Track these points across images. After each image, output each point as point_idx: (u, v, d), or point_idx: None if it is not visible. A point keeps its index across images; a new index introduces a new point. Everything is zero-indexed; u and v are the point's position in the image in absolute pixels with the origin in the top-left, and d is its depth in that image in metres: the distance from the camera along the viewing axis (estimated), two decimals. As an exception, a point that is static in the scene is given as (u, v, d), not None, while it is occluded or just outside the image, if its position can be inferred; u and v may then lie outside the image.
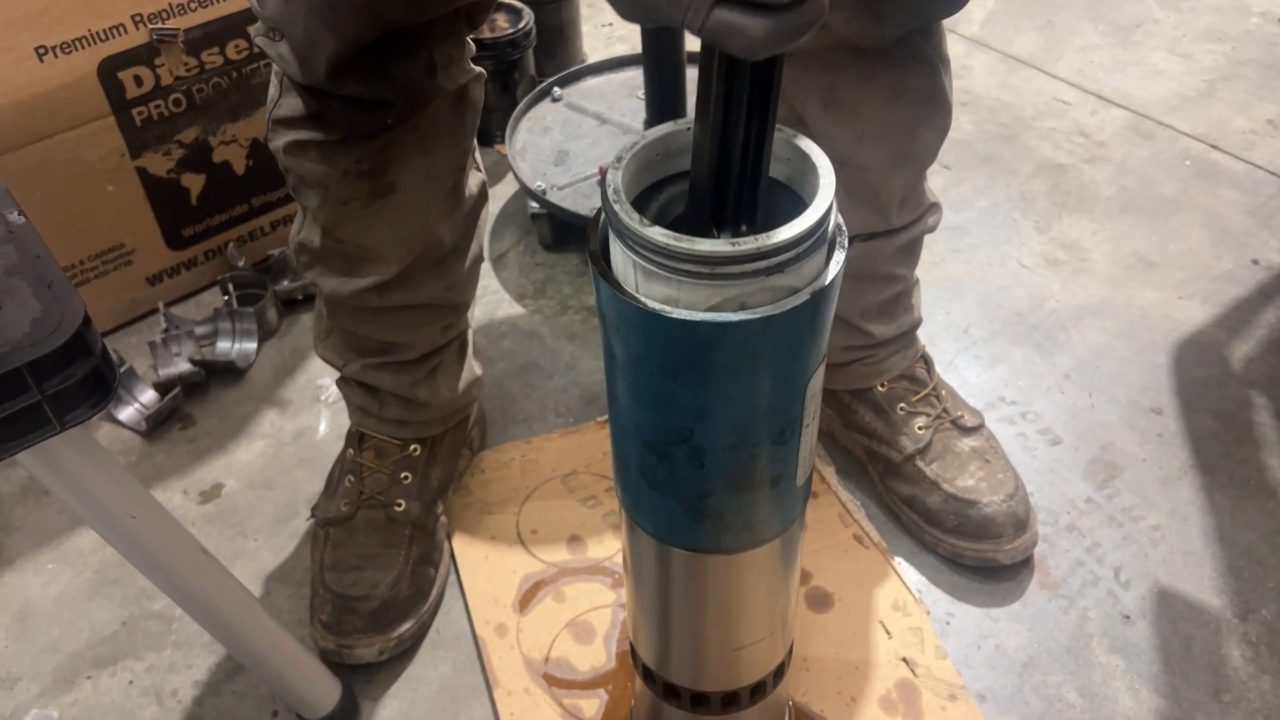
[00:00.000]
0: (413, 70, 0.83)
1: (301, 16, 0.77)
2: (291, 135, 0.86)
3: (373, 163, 0.86)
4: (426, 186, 0.91)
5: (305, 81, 0.82)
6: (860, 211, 0.97)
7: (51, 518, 1.13)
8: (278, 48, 0.82)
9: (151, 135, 1.28)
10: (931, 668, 0.95)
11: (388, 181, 0.88)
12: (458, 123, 0.91)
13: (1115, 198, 1.53)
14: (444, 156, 0.92)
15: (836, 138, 0.91)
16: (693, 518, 0.59)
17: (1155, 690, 0.94)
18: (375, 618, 0.96)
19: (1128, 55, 1.86)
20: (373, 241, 0.91)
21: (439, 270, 0.97)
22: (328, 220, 0.90)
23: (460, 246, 0.98)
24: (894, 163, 0.94)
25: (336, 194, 0.88)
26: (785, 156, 0.54)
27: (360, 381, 1.03)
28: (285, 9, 0.78)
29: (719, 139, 0.48)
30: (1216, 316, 1.32)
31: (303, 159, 0.86)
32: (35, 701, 0.97)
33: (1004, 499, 1.02)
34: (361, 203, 0.88)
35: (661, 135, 0.53)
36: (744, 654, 0.71)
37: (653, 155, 0.54)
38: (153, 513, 0.70)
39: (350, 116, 0.83)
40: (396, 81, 0.82)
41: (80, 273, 1.29)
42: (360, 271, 0.93)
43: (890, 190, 0.96)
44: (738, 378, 0.51)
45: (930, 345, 1.25)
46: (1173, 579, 1.03)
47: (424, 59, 0.83)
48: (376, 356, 1.00)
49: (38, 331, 0.56)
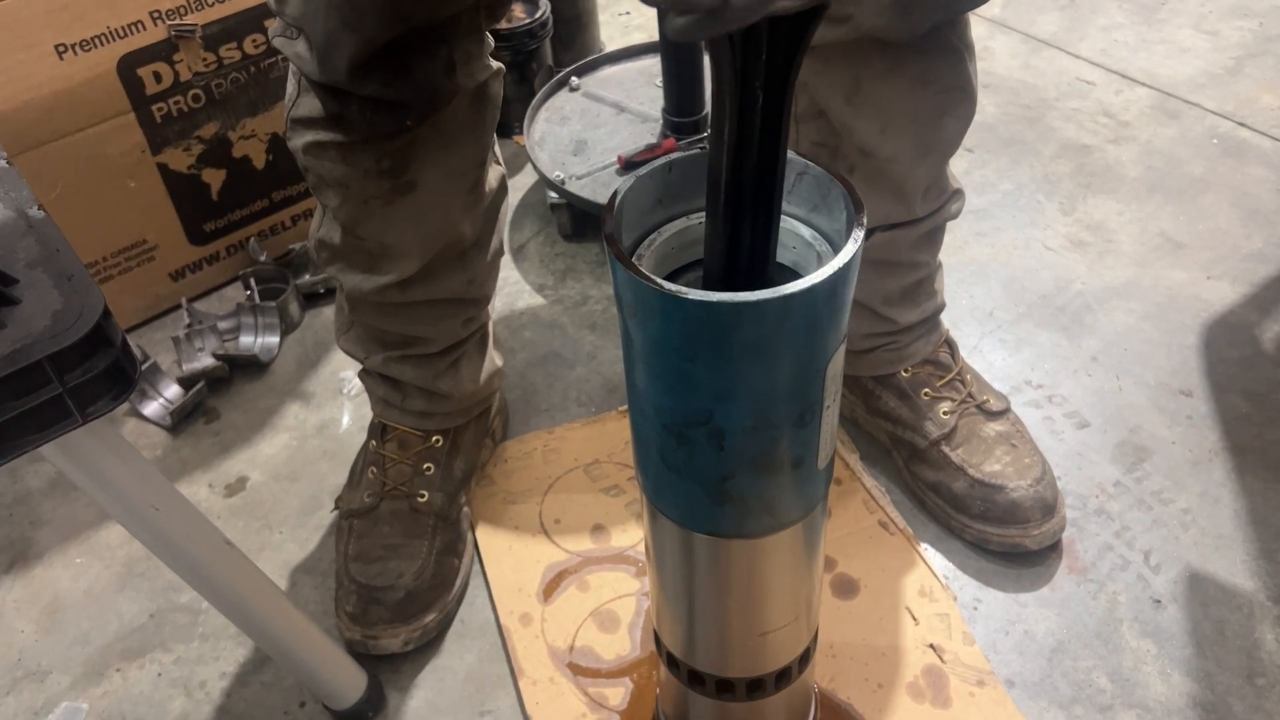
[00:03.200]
0: (432, 69, 0.82)
1: (322, 15, 0.77)
2: (311, 136, 0.85)
3: (393, 162, 0.86)
4: (447, 183, 0.90)
5: (324, 80, 0.81)
6: (884, 202, 0.96)
7: (80, 512, 1.14)
8: (295, 46, 0.81)
9: (171, 131, 1.29)
10: (959, 654, 0.94)
11: (408, 180, 0.87)
12: (478, 119, 0.91)
13: (1141, 178, 1.51)
14: (464, 153, 0.91)
15: (861, 130, 0.90)
16: (714, 501, 0.59)
17: (1187, 674, 0.93)
18: (400, 608, 0.96)
19: (1152, 33, 1.83)
20: (394, 239, 0.91)
21: (460, 265, 0.97)
22: (348, 219, 0.90)
23: (481, 241, 0.98)
24: (919, 153, 0.93)
25: (357, 193, 0.88)
26: (791, 245, 0.58)
27: (383, 374, 1.03)
28: (305, 7, 0.78)
29: (728, 236, 0.52)
30: (1246, 296, 1.30)
31: (322, 159, 0.86)
32: (66, 694, 0.98)
33: (1031, 483, 1.00)
34: (382, 201, 0.88)
35: (678, 230, 0.59)
36: (768, 640, 0.70)
37: (669, 249, 0.59)
38: (176, 504, 0.71)
39: (370, 117, 0.83)
40: (416, 81, 0.82)
41: (104, 269, 1.30)
42: (381, 268, 0.93)
43: (914, 180, 0.95)
44: (756, 358, 0.51)
45: (955, 329, 1.24)
46: (1204, 562, 1.01)
47: (444, 57, 0.83)
48: (398, 349, 1.00)
49: (58, 324, 0.57)
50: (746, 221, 0.52)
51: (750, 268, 0.53)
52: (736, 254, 0.53)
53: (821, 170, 0.55)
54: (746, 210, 0.51)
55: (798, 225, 0.58)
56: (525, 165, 1.61)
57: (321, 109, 0.83)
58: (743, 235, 0.52)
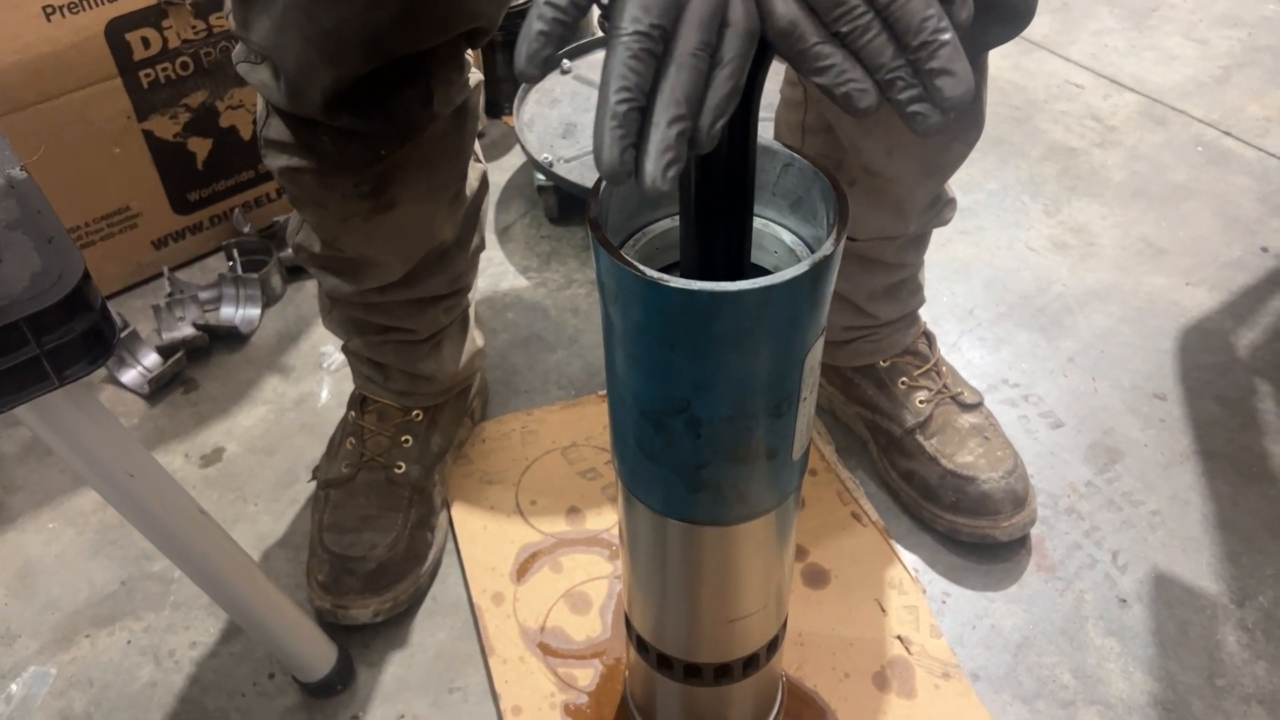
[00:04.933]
0: (409, 100, 0.79)
1: (296, 47, 0.72)
2: (284, 160, 0.82)
3: (372, 185, 0.83)
4: (428, 199, 0.89)
5: (293, 111, 0.78)
6: (882, 217, 0.96)
7: (53, 477, 1.14)
8: (259, 74, 0.77)
9: (158, 98, 1.28)
10: (926, 646, 0.95)
11: (389, 199, 0.85)
12: (457, 135, 0.88)
13: (1126, 182, 1.52)
14: (445, 169, 0.89)
15: (868, 150, 0.90)
16: (689, 489, 0.59)
17: (1149, 673, 0.94)
18: (372, 579, 0.96)
19: (1142, 39, 1.84)
20: (374, 252, 0.90)
21: (441, 265, 0.96)
22: (327, 234, 0.89)
23: (463, 239, 0.98)
24: (922, 175, 0.93)
25: (336, 212, 0.86)
26: (772, 249, 0.59)
27: (365, 356, 1.03)
28: (277, 38, 0.73)
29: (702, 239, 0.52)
30: (1224, 303, 1.31)
31: (298, 182, 0.84)
32: (34, 658, 0.98)
33: (1002, 475, 1.01)
34: (362, 218, 0.86)
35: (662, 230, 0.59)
36: (737, 626, 0.71)
37: (653, 249, 0.59)
38: (151, 472, 0.70)
39: (342, 148, 0.80)
40: (392, 112, 0.78)
41: (86, 235, 1.29)
42: (363, 276, 0.93)
43: (914, 199, 0.96)
44: (736, 348, 0.51)
45: (935, 326, 1.25)
46: (1171, 564, 1.03)
47: (422, 87, 0.79)
48: (380, 335, 1.00)
49: (37, 286, 0.56)
50: (719, 225, 0.52)
51: (724, 270, 0.53)
52: (710, 256, 0.53)
53: (807, 164, 0.55)
54: (718, 214, 0.51)
55: (779, 230, 0.59)
56: (514, 146, 1.61)
57: (291, 136, 0.80)
58: (715, 239, 0.52)
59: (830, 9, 0.39)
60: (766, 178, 0.57)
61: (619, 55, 0.38)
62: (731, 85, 0.40)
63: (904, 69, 0.39)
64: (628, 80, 0.38)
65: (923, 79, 0.39)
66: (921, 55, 0.39)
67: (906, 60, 0.39)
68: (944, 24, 0.39)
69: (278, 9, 0.71)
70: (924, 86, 0.39)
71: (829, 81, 0.40)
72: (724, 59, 0.40)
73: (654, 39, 0.38)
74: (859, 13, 0.39)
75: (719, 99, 0.40)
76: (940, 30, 0.39)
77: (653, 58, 0.39)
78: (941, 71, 0.39)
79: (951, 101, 0.39)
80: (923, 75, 0.39)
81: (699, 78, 0.39)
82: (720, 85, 0.40)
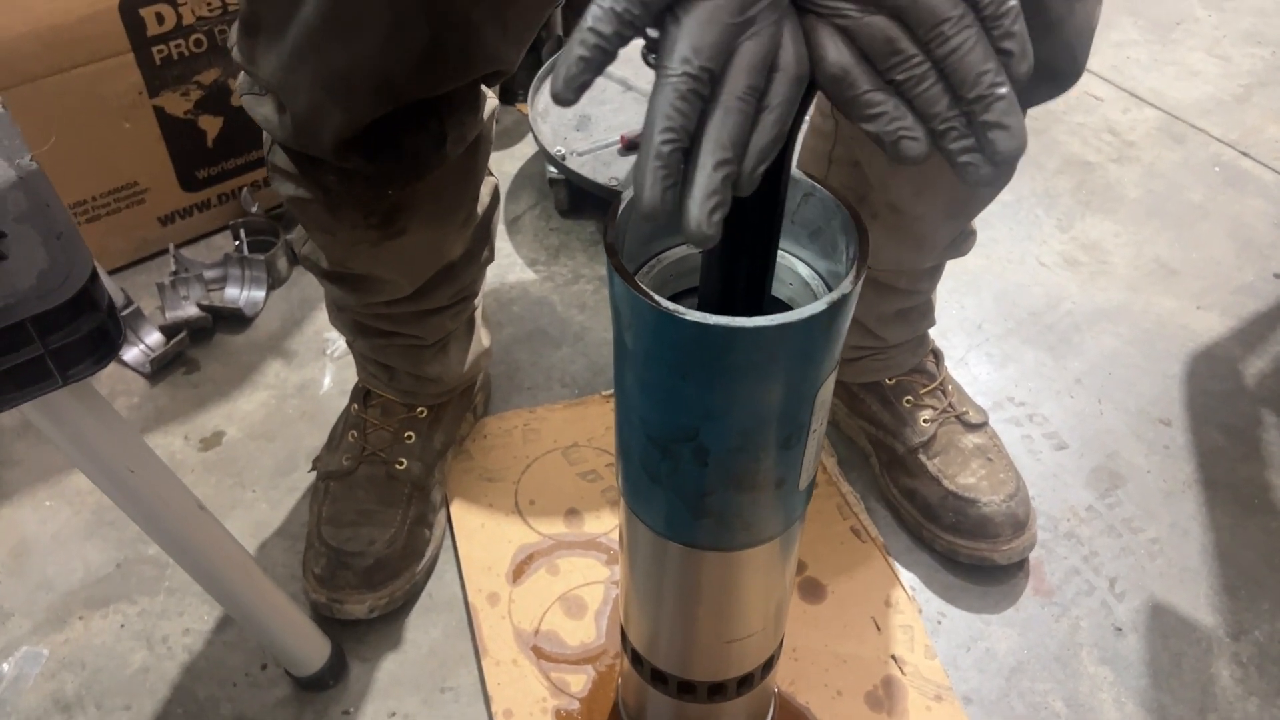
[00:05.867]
0: (421, 142, 0.76)
1: (305, 87, 0.70)
2: (291, 190, 0.80)
3: (381, 218, 0.81)
4: (438, 225, 0.87)
5: (299, 150, 0.76)
6: (901, 251, 0.95)
7: (51, 455, 1.13)
8: (263, 109, 0.75)
9: (170, 74, 1.26)
10: (919, 667, 0.95)
11: (398, 228, 0.83)
12: (470, 165, 0.86)
13: (1141, 200, 1.51)
14: (457, 196, 0.87)
15: (895, 189, 0.89)
16: (693, 514, 0.59)
17: (1141, 704, 0.94)
18: (368, 575, 0.96)
19: (1165, 54, 1.83)
20: (383, 272, 0.89)
21: (450, 279, 0.95)
22: (335, 257, 0.88)
23: (472, 252, 0.96)
24: (947, 214, 0.92)
25: (344, 239, 0.84)
26: (788, 281, 0.58)
27: (370, 357, 1.02)
28: (285, 76, 0.70)
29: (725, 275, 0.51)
30: (1233, 330, 1.30)
31: (305, 210, 0.82)
32: (27, 638, 0.98)
33: (1004, 499, 1.01)
34: (370, 244, 0.84)
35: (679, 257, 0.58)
36: (734, 647, 0.71)
37: (668, 276, 0.58)
38: (152, 467, 0.70)
39: (348, 187, 0.78)
40: (402, 154, 0.76)
41: (92, 209, 1.28)
42: (370, 291, 0.92)
43: (936, 238, 0.95)
44: (748, 382, 0.50)
45: (942, 339, 1.24)
46: (1168, 593, 1.02)
47: (435, 130, 0.76)
48: (385, 339, 0.99)
49: (44, 284, 0.55)
50: (743, 263, 0.51)
51: (743, 302, 0.53)
52: (731, 291, 0.52)
53: (829, 195, 0.54)
54: (744, 252, 0.50)
55: (795, 262, 0.58)
56: (526, 135, 1.60)
57: (296, 170, 0.78)
58: (738, 276, 0.51)
59: (886, 56, 0.39)
60: (786, 206, 0.56)
61: (666, 95, 0.38)
62: (777, 131, 0.40)
63: (958, 119, 0.39)
64: (674, 121, 0.38)
65: (976, 131, 0.39)
66: (976, 108, 0.38)
67: (961, 111, 0.39)
68: (1001, 78, 0.38)
69: (286, 46, 0.68)
70: (977, 139, 0.39)
71: (880, 129, 0.40)
72: (771, 104, 0.39)
73: (702, 81, 0.38)
74: (916, 61, 0.38)
75: (764, 144, 0.39)
76: (998, 84, 0.38)
77: (700, 99, 0.38)
78: (996, 125, 0.38)
79: (1004, 156, 0.39)
80: (976, 127, 0.39)
81: (745, 121, 0.39)
82: (766, 130, 0.39)
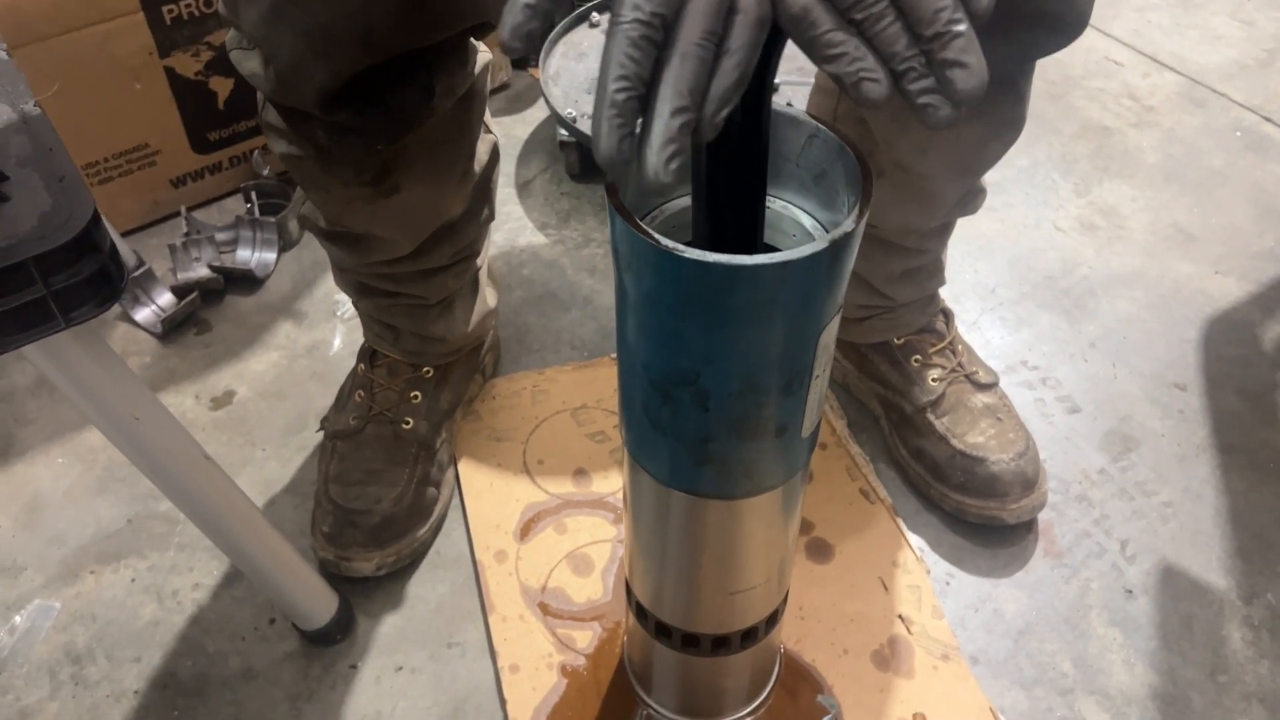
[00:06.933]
0: (408, 96, 0.76)
1: (288, 41, 0.69)
2: (283, 147, 0.80)
3: (374, 173, 0.81)
4: (434, 182, 0.87)
5: (286, 104, 0.75)
6: (907, 210, 0.94)
7: (64, 412, 1.14)
8: (250, 62, 0.74)
9: (181, 35, 1.26)
10: (927, 627, 0.94)
11: (392, 184, 0.83)
12: (463, 120, 0.86)
13: (1159, 165, 1.49)
14: (450, 153, 0.87)
15: (902, 147, 0.88)
16: (695, 461, 0.58)
17: (1151, 666, 0.93)
18: (375, 533, 0.96)
19: (1187, 18, 1.80)
20: (380, 230, 0.89)
21: (450, 237, 0.95)
22: (331, 215, 0.88)
23: (472, 210, 0.96)
24: (955, 172, 0.91)
25: (339, 196, 0.84)
26: (791, 232, 0.57)
27: (375, 317, 1.02)
28: (267, 29, 0.70)
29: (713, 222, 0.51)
30: (1252, 294, 1.29)
31: (298, 168, 0.82)
32: (39, 592, 0.99)
33: (1013, 458, 1.00)
34: (365, 201, 0.84)
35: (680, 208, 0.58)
36: (738, 599, 0.71)
37: (669, 226, 0.58)
38: (157, 415, 0.70)
39: (337, 140, 0.77)
40: (389, 108, 0.75)
41: (104, 170, 1.29)
42: (369, 250, 0.92)
43: (944, 196, 0.94)
44: (749, 323, 0.50)
45: (956, 303, 1.23)
46: (1179, 556, 1.01)
47: (422, 82, 0.76)
48: (389, 299, 1.00)
49: (45, 225, 0.56)
50: (730, 210, 0.50)
51: (736, 246, 0.52)
52: (721, 238, 0.51)
53: (833, 136, 0.53)
54: (729, 200, 0.50)
55: (798, 213, 0.57)
56: (537, 99, 1.59)
57: (286, 126, 0.78)
58: (727, 223, 0.51)
59: None
60: (790, 149, 0.55)
61: (618, 43, 0.38)
62: (738, 74, 0.39)
63: (917, 59, 0.38)
64: (626, 69, 0.37)
65: (935, 70, 0.38)
66: (935, 46, 0.37)
67: (920, 50, 0.38)
68: (959, 14, 0.37)
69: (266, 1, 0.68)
70: (936, 78, 0.38)
71: (840, 70, 0.39)
72: (731, 47, 0.38)
73: (654, 27, 0.37)
74: (873, 1, 0.38)
75: (724, 88, 0.38)
76: (955, 21, 0.37)
77: (653, 45, 0.38)
78: (954, 63, 0.37)
79: (963, 95, 0.38)
80: (935, 66, 0.38)
81: (703, 68, 0.38)
82: (726, 74, 0.38)
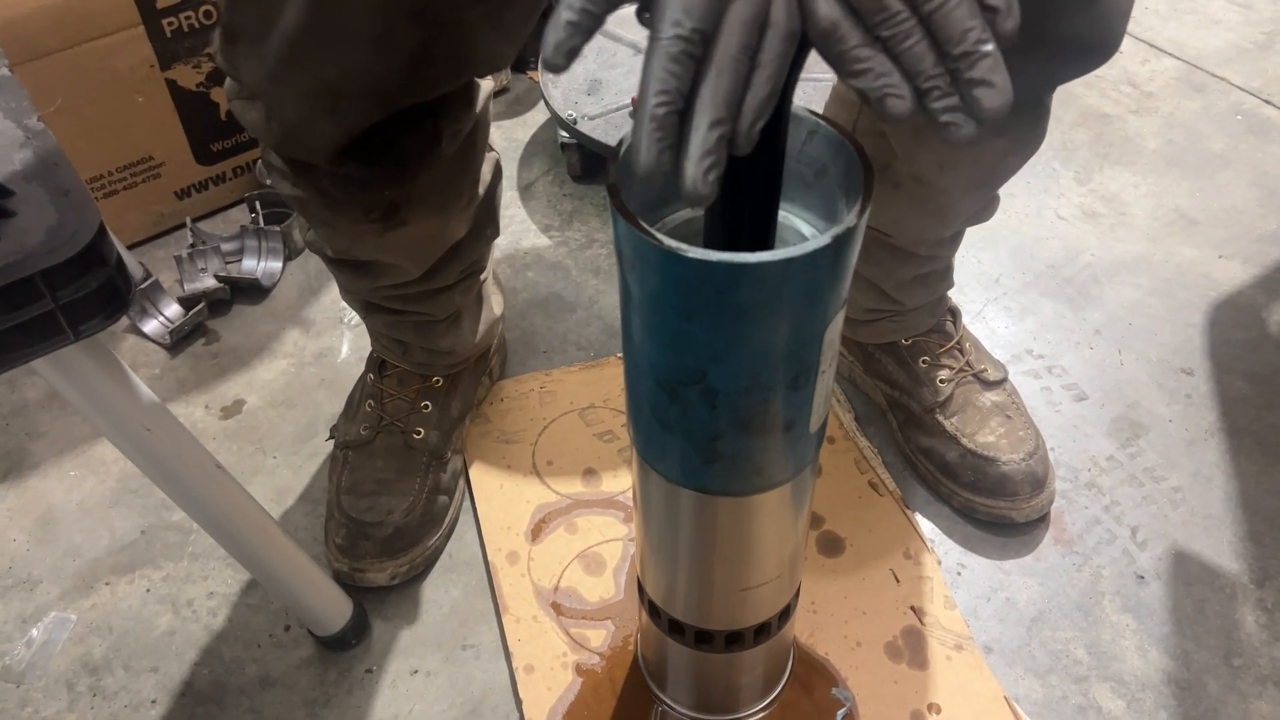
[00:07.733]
0: (416, 143, 0.75)
1: (292, 99, 0.68)
2: (287, 189, 0.79)
3: (381, 211, 0.80)
4: (440, 213, 0.86)
5: (291, 156, 0.74)
6: (923, 222, 0.94)
7: (76, 425, 1.15)
8: (251, 115, 0.72)
9: (182, 47, 1.27)
10: (939, 617, 0.94)
11: (399, 220, 0.82)
12: (469, 153, 0.85)
13: (1160, 151, 1.49)
14: (456, 186, 0.86)
15: (920, 161, 0.88)
16: (703, 459, 0.59)
17: (1164, 651, 0.93)
18: (388, 544, 0.97)
19: (1184, 3, 1.80)
20: (388, 259, 0.89)
21: (457, 257, 0.95)
22: (338, 248, 0.88)
23: (477, 229, 0.96)
24: (972, 186, 0.91)
25: (345, 231, 0.84)
26: (791, 242, 0.57)
27: (383, 332, 1.03)
28: (271, 88, 0.68)
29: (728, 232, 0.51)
30: (1257, 278, 1.28)
31: (304, 208, 0.82)
32: (55, 604, 0.99)
33: (1023, 458, 1.00)
34: (374, 235, 0.83)
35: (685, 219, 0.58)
36: (750, 595, 0.71)
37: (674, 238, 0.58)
38: (168, 426, 0.71)
39: (342, 189, 0.77)
40: (397, 157, 0.74)
41: (109, 184, 1.29)
42: (377, 276, 0.92)
43: (960, 208, 0.94)
44: (754, 321, 0.50)
45: (959, 294, 1.23)
46: (1190, 541, 1.01)
47: (429, 130, 0.75)
48: (397, 317, 1.00)
49: (53, 240, 0.56)
50: (745, 221, 0.51)
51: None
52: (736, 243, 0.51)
53: (833, 131, 0.54)
54: (745, 210, 0.50)
55: (799, 222, 0.58)
56: (538, 102, 1.59)
57: (291, 173, 0.77)
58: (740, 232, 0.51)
59: (873, 12, 0.39)
60: (790, 145, 0.56)
61: (659, 59, 0.38)
62: (771, 87, 0.40)
63: (942, 78, 0.39)
64: (667, 84, 0.38)
65: (960, 89, 0.39)
66: (962, 65, 0.38)
67: (946, 69, 0.39)
68: (986, 34, 0.38)
69: (269, 57, 0.65)
70: (961, 96, 0.39)
71: (866, 85, 0.40)
72: (764, 61, 0.39)
73: (693, 43, 0.38)
74: (901, 18, 0.38)
75: (758, 101, 0.39)
76: (982, 41, 0.38)
77: (692, 60, 0.39)
78: (980, 82, 0.38)
79: (988, 113, 0.38)
80: (961, 85, 0.39)
81: (739, 81, 0.39)
82: (760, 87, 0.39)
